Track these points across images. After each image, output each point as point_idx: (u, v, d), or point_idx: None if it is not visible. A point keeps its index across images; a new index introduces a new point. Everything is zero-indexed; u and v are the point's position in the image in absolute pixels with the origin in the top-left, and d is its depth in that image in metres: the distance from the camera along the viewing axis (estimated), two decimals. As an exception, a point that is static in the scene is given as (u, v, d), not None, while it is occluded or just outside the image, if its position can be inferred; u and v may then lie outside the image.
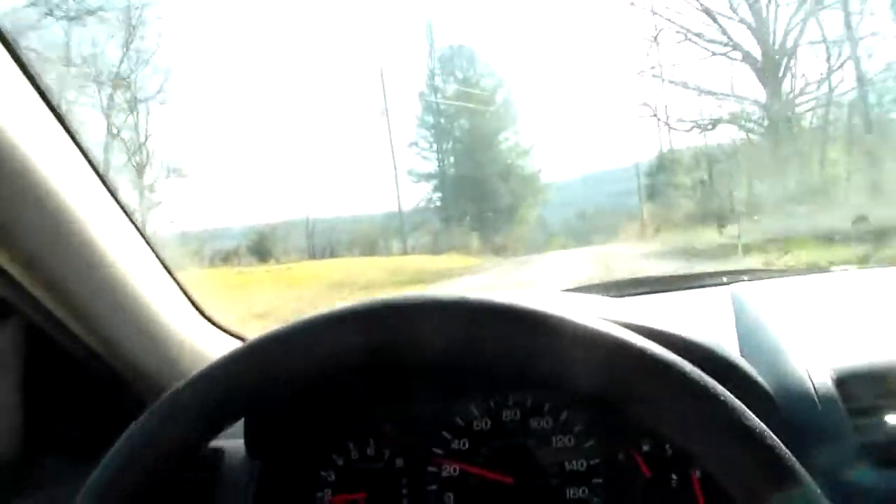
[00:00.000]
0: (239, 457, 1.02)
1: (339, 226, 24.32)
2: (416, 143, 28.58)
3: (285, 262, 18.18)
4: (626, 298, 1.38)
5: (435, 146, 29.07)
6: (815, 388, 0.87)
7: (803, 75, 18.96)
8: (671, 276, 1.70)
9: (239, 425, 0.98)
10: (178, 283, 1.15)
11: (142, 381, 1.11)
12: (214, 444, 1.04)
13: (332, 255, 21.36)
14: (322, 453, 1.04)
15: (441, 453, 1.02)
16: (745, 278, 1.42)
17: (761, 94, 19.24)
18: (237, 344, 0.70)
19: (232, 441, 1.02)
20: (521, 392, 0.99)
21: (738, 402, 0.62)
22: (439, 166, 29.14)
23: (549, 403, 0.98)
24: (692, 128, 19.42)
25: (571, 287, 1.58)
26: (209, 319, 1.22)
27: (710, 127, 19.40)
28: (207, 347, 1.17)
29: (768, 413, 0.85)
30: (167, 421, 0.68)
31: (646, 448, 0.94)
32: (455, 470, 1.01)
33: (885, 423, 0.87)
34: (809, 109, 19.42)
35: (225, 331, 1.24)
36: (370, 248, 22.63)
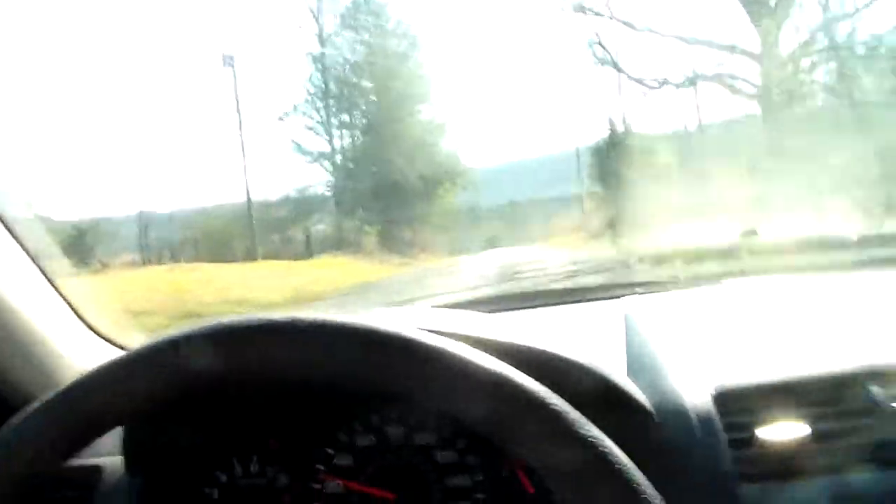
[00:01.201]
0: (117, 474, 1.10)
1: (183, 221, 19.74)
2: (305, 114, 23.78)
3: (114, 267, 15.73)
4: (513, 313, 1.39)
5: (325, 118, 23.78)
6: (693, 406, 0.91)
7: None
8: (563, 290, 1.76)
9: (117, 441, 1.02)
10: (56, 288, 1.11)
11: (16, 392, 1.15)
12: (92, 461, 1.01)
13: (174, 257, 18.07)
14: (205, 470, 1.12)
15: (324, 469, 1.10)
16: (639, 291, 1.45)
17: (754, 44, 15.75)
18: (118, 353, 0.69)
19: (110, 458, 1.08)
20: (405, 408, 0.98)
21: (577, 416, 0.66)
22: (331, 142, 23.92)
23: (433, 420, 0.98)
24: (661, 84, 16.55)
25: (457, 301, 1.57)
26: (91, 327, 1.18)
27: (685, 84, 16.52)
28: (88, 357, 1.13)
29: (647, 431, 0.88)
30: (26, 435, 0.70)
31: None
32: (339, 486, 1.09)
33: (759, 437, 0.95)
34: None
35: (107, 339, 1.20)
36: (218, 250, 18.32)
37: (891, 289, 1.46)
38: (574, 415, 0.66)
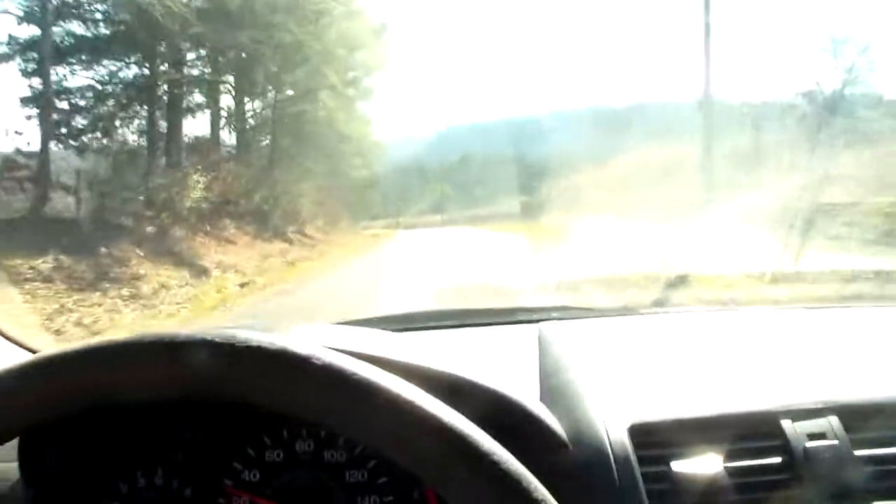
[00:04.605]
0: (11, 482, 1.05)
1: None
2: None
3: None
4: (424, 332, 1.39)
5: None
6: (608, 437, 0.93)
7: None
8: (479, 310, 1.76)
9: (12, 447, 0.96)
10: None
11: None
12: None
13: None
14: (107, 481, 1.10)
15: (231, 484, 1.10)
16: (556, 316, 1.46)
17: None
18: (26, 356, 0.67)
19: (6, 465, 1.04)
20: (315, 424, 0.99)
21: (488, 441, 0.66)
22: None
23: (344, 437, 0.97)
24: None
25: (366, 318, 1.55)
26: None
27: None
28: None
29: (560, 460, 0.90)
30: None
31: None
32: (245, 502, 1.09)
33: (672, 471, 0.98)
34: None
35: (15, 342, 1.17)
36: None
37: (806, 326, 1.51)
38: (484, 440, 0.66)
